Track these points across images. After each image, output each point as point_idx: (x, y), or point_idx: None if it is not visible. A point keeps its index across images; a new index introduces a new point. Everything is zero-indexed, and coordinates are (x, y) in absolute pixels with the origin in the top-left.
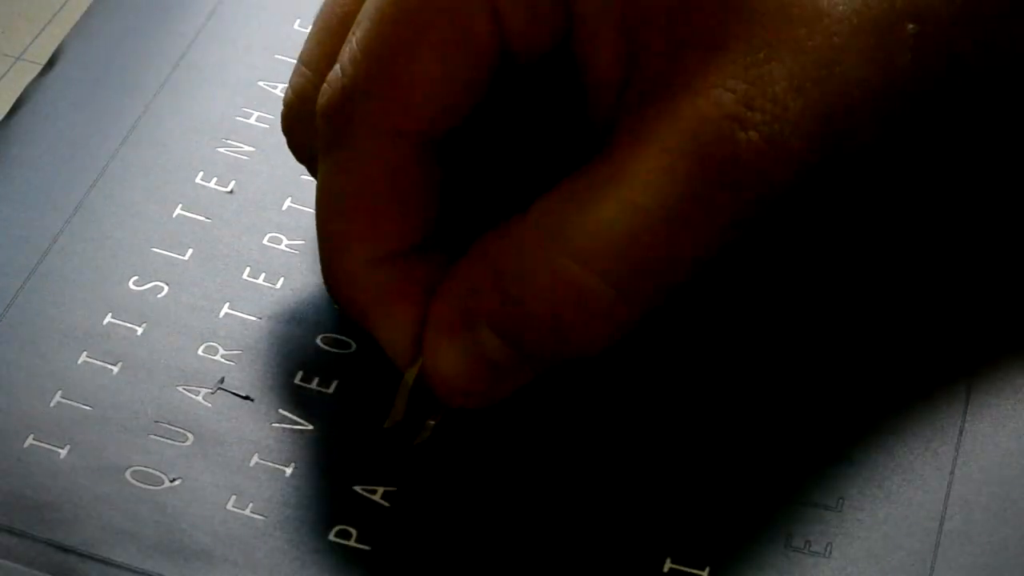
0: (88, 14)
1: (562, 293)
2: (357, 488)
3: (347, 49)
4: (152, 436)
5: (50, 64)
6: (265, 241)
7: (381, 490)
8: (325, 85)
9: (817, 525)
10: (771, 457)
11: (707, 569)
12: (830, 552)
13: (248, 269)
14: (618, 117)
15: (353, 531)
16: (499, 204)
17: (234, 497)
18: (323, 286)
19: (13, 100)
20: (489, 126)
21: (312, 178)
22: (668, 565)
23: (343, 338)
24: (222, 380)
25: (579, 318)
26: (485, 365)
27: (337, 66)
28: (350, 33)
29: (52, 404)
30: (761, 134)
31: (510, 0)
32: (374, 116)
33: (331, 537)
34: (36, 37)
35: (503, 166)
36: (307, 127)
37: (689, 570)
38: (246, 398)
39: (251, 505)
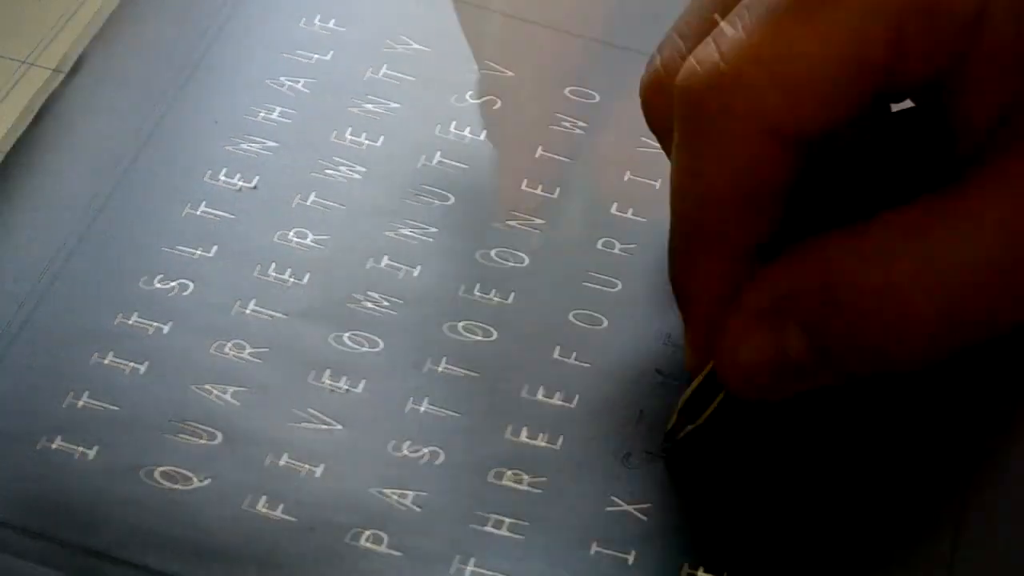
0: (108, 22)
1: (888, 312)
2: (386, 491)
3: (729, 31)
4: (180, 435)
5: (73, 72)
6: (289, 237)
7: (411, 494)
8: (695, 63)
9: (833, 533)
10: (793, 464)
11: (724, 575)
12: (851, 557)
13: (273, 265)
14: (985, 153)
15: (384, 536)
16: (835, 216)
17: (264, 497)
18: (346, 281)
19: (24, 103)
20: (847, 140)
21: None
22: (686, 570)
23: (371, 336)
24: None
25: (895, 339)
26: (783, 361)
27: (713, 46)
28: (734, 14)
29: (79, 405)
30: None
31: (914, 22)
32: (754, 110)
33: (362, 542)
34: (47, 43)
35: (850, 179)
36: (669, 99)
37: None
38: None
39: (281, 506)
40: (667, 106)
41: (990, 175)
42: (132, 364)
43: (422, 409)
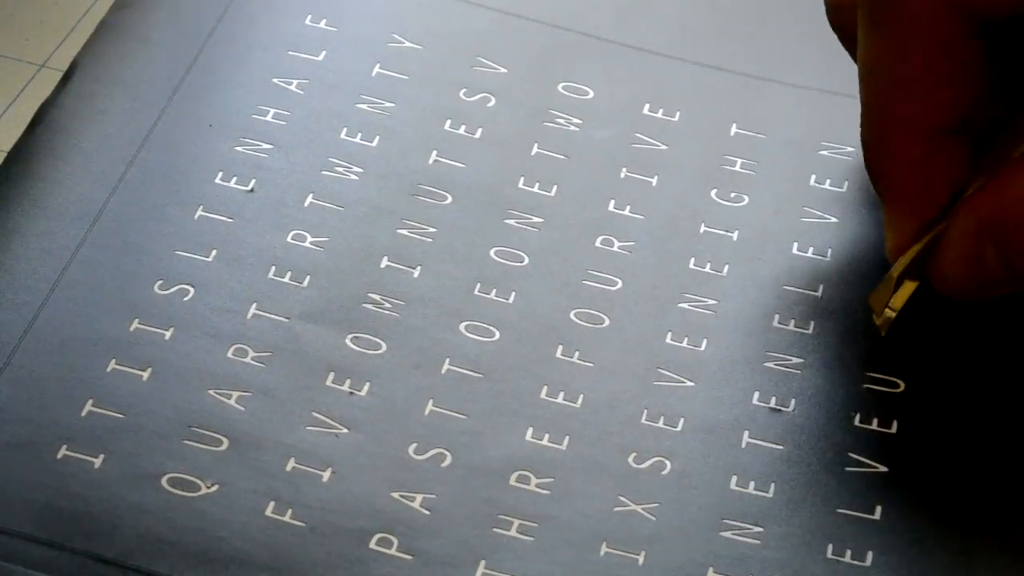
0: (101, 27)
1: None
2: (394, 494)
3: None
4: (186, 441)
5: (65, 78)
6: (289, 239)
7: (420, 497)
8: None
9: (856, 534)
10: (812, 464)
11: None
12: (869, 561)
13: (273, 268)
14: None
15: (394, 539)
16: None
17: (272, 503)
18: (347, 283)
19: (37, 106)
20: None
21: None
22: (696, 571)
23: (373, 338)
24: None
25: None
26: (982, 272)
27: None
28: None
29: (84, 413)
30: None
31: None
32: None
33: (372, 545)
34: (59, 45)
35: None
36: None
37: None
38: None
39: (290, 511)
40: (847, 6)
41: None
42: (135, 371)
43: (427, 411)
